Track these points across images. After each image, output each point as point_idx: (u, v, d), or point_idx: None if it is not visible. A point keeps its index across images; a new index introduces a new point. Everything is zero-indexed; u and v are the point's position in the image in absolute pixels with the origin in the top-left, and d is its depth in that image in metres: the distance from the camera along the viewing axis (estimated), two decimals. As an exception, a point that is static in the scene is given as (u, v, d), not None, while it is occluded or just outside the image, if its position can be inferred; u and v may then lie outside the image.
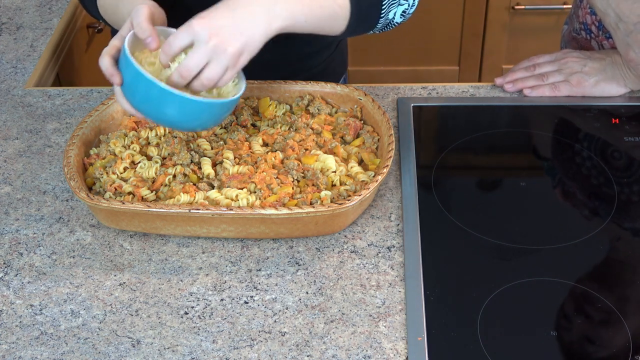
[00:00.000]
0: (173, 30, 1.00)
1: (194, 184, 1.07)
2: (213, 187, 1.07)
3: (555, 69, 1.28)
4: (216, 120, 1.02)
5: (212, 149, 1.13)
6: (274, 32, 0.98)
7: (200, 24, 0.94)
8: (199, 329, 0.96)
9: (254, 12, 0.96)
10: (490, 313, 0.95)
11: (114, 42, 0.99)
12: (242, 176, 1.06)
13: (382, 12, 1.10)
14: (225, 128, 1.17)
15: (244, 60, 0.97)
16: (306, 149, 1.11)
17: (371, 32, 1.14)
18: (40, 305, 1.00)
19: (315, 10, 1.02)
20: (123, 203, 1.02)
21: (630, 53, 1.19)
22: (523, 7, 2.43)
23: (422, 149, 1.20)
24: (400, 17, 1.13)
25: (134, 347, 0.94)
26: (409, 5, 1.12)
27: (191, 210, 1.00)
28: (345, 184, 1.07)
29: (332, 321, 0.96)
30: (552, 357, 0.92)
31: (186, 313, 0.98)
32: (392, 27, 1.15)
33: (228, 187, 1.05)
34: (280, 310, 0.98)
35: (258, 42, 0.97)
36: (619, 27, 1.19)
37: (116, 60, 0.99)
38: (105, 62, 0.98)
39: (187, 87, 0.98)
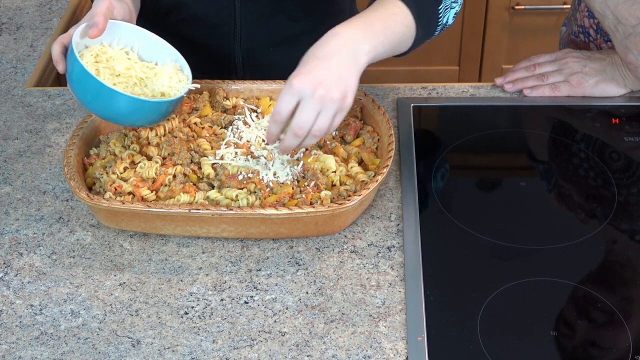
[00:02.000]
0: (125, 23, 1.06)
1: (194, 184, 1.07)
2: (213, 187, 1.07)
3: (555, 69, 1.28)
4: (161, 117, 1.07)
5: (212, 148, 1.13)
6: (363, 67, 1.01)
7: (301, 81, 0.96)
8: (199, 329, 0.96)
9: (345, 56, 0.98)
10: (490, 313, 0.95)
11: (71, 31, 1.03)
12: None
13: (440, 20, 1.12)
14: (225, 128, 1.17)
15: (350, 101, 0.99)
16: (306, 149, 1.11)
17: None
18: (40, 305, 1.00)
19: (391, 37, 1.04)
20: (123, 203, 1.02)
21: (629, 55, 1.19)
22: (523, 7, 2.43)
23: (422, 149, 1.20)
24: (453, 19, 1.15)
25: (134, 347, 0.94)
26: (459, 6, 1.15)
27: (191, 210, 1.00)
28: (345, 184, 1.07)
29: (332, 321, 0.96)
30: (552, 357, 0.92)
31: (186, 313, 0.98)
32: (444, 29, 1.16)
33: (228, 187, 1.05)
34: (280, 310, 0.98)
35: (355, 82, 0.99)
36: (617, 29, 1.19)
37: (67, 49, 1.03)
38: (55, 49, 1.02)
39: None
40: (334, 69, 0.97)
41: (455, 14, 1.15)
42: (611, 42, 1.24)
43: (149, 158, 1.12)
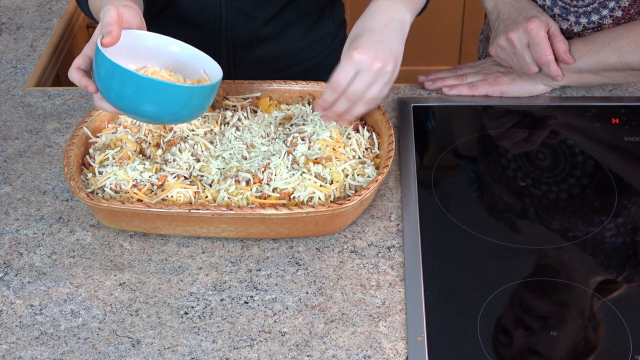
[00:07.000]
0: (143, 32, 1.03)
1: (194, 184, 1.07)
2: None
3: (476, 72, 1.32)
4: (195, 110, 1.02)
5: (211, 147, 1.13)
6: (406, 35, 1.06)
7: (361, 54, 1.00)
8: (199, 329, 0.96)
9: (395, 29, 1.04)
10: (490, 313, 0.95)
11: (85, 51, 1.01)
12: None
13: None
14: (225, 126, 1.16)
15: (397, 72, 1.04)
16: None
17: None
18: (40, 305, 1.00)
19: (419, 3, 1.10)
20: (123, 203, 1.02)
21: (491, 49, 1.25)
22: (523, 7, 2.43)
23: (422, 149, 1.20)
24: None
25: (134, 347, 0.94)
26: None
27: (191, 210, 1.00)
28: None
29: (332, 321, 0.96)
30: (552, 357, 0.92)
31: (186, 313, 0.98)
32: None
33: (228, 187, 1.05)
34: (280, 310, 0.98)
35: (402, 52, 1.05)
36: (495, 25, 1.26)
37: (85, 71, 1.00)
38: (74, 75, 1.00)
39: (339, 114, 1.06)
40: (387, 42, 1.02)
41: None
42: None
43: (149, 158, 1.12)
